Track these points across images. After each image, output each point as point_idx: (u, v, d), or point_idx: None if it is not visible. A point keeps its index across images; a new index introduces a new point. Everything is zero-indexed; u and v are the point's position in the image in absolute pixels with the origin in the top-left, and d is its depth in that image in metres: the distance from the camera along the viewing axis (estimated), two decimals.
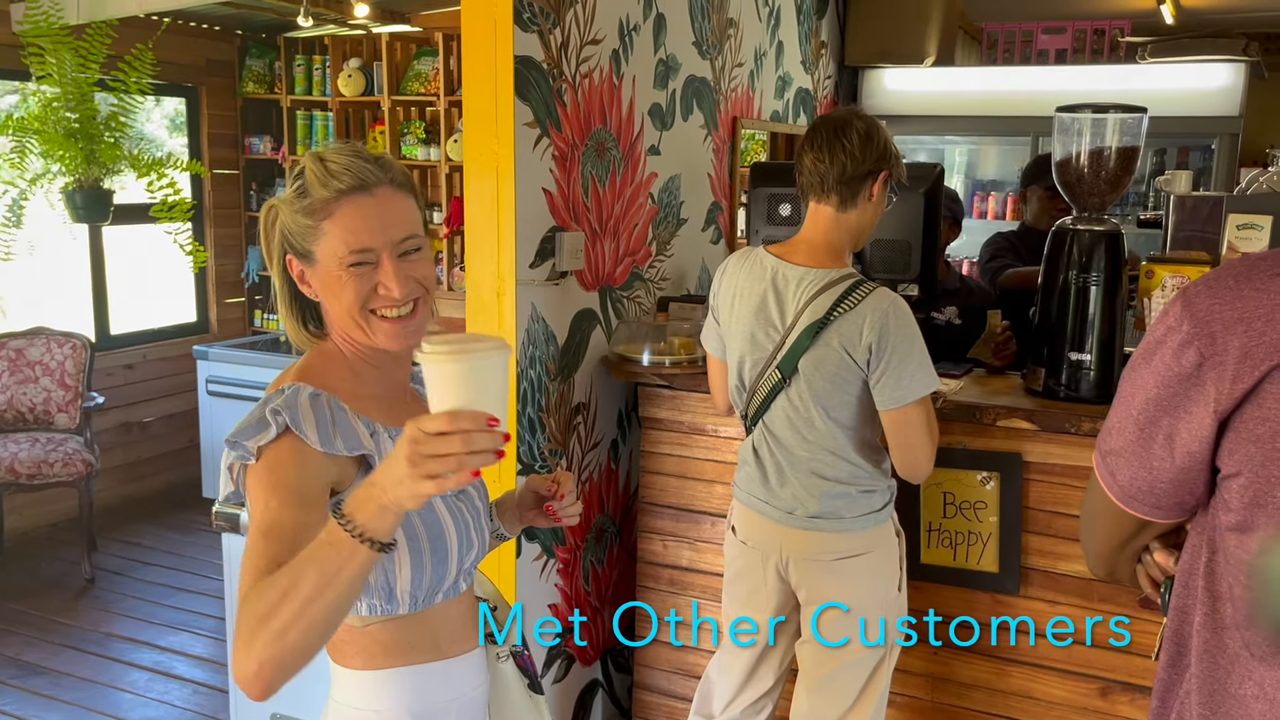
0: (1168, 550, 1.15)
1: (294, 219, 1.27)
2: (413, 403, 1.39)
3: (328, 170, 1.25)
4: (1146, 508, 1.06)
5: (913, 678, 2.51)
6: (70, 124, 4.28)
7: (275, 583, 1.06)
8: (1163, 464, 1.01)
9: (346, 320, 1.28)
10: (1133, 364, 1.04)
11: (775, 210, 2.78)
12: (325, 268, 1.26)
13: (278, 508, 1.17)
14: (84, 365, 4.63)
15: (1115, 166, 2.33)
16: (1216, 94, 4.43)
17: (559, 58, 2.46)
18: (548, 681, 2.68)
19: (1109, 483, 1.07)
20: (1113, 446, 1.06)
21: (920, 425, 1.99)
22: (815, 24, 4.28)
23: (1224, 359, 0.93)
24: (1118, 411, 1.05)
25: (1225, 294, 0.95)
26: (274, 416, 1.20)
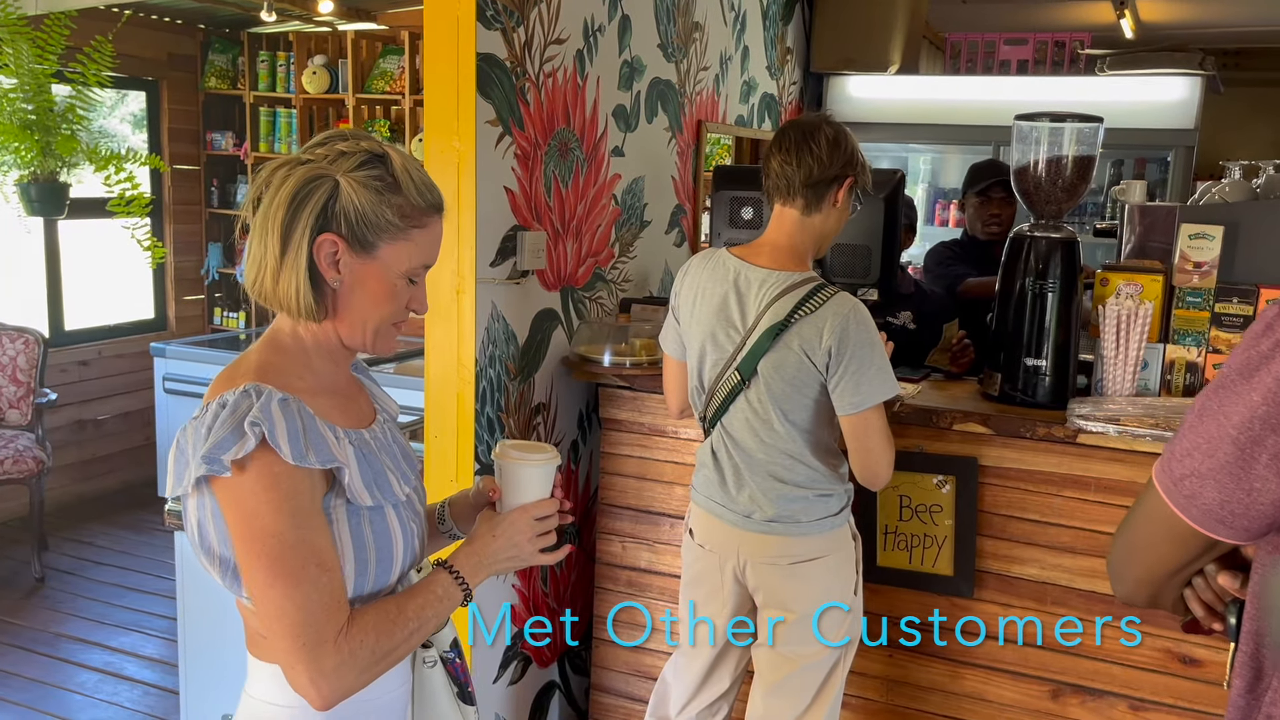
0: (1231, 572, 1.09)
1: (375, 206, 1.23)
2: (360, 398, 1.38)
3: (424, 180, 1.28)
4: (1232, 531, 1.00)
5: (868, 680, 2.53)
6: (26, 115, 4.21)
7: (400, 624, 1.25)
8: (1267, 485, 0.95)
9: (367, 323, 1.28)
10: (1222, 382, 0.98)
11: (738, 213, 2.79)
12: (383, 270, 1.25)
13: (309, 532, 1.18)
14: (37, 361, 4.55)
15: (1072, 175, 2.37)
16: (1173, 107, 4.51)
17: (522, 56, 2.45)
18: (503, 683, 2.67)
19: (1185, 507, 1.01)
20: (1194, 469, 0.99)
21: (879, 430, 2.00)
22: (781, 30, 4.30)
23: None
24: (1201, 431, 0.99)
25: None
26: (252, 428, 1.16)
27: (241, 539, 1.17)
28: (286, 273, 1.24)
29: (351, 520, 1.25)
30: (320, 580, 1.17)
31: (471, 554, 1.35)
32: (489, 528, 1.38)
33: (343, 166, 1.23)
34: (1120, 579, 1.17)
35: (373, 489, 1.27)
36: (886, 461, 2.03)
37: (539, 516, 1.39)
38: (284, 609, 1.16)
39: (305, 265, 1.23)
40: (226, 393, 1.20)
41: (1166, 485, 1.03)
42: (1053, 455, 2.30)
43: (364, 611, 1.23)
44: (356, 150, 1.25)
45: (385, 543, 1.29)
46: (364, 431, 1.31)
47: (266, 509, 1.16)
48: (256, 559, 1.16)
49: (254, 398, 1.19)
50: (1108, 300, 2.38)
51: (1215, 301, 2.36)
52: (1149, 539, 1.09)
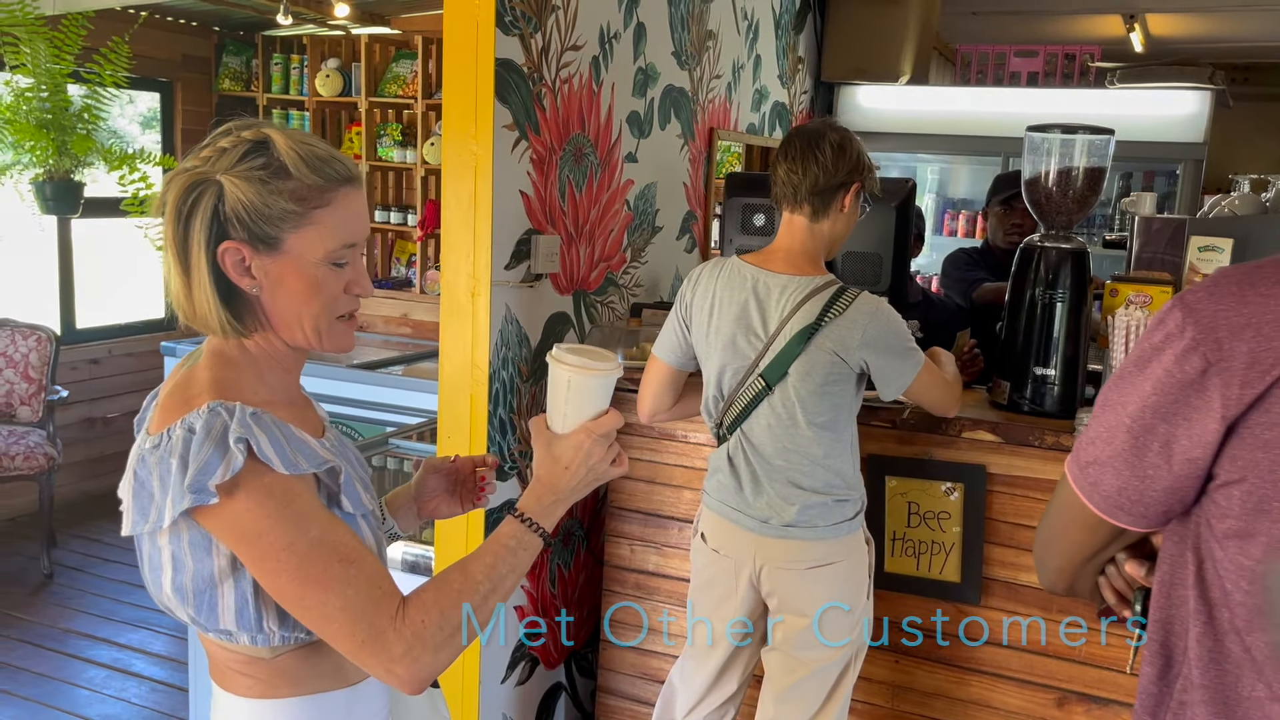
0: (1138, 561, 1.13)
1: (267, 200, 1.12)
2: (310, 408, 1.30)
3: (316, 154, 1.15)
4: (1131, 517, 1.04)
5: (874, 685, 2.54)
6: (43, 115, 4.25)
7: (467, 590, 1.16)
8: (1158, 472, 0.99)
9: (304, 322, 1.18)
10: (1122, 373, 1.02)
11: (750, 220, 2.81)
12: (297, 262, 1.15)
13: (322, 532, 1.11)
14: (48, 358, 4.58)
15: (1082, 186, 2.38)
16: (1182, 121, 4.53)
17: (539, 62, 2.48)
18: (510, 684, 2.68)
19: (1089, 493, 1.05)
20: (1096, 456, 1.04)
21: (930, 386, 2.12)
22: (793, 39, 4.33)
23: (1231, 365, 0.92)
24: (1103, 421, 1.03)
25: (1229, 300, 0.94)
26: (238, 444, 1.08)
27: (255, 562, 1.11)
28: (196, 292, 1.15)
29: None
30: (349, 574, 1.11)
31: (542, 493, 1.24)
32: (553, 460, 1.25)
33: (223, 164, 1.13)
34: (1041, 567, 1.21)
35: (351, 496, 1.21)
36: (951, 400, 2.20)
37: (604, 433, 1.25)
38: (326, 615, 1.10)
39: (211, 280, 1.14)
40: (188, 415, 1.11)
41: (1074, 473, 1.08)
42: (1061, 464, 2.31)
43: (422, 589, 1.16)
44: (237, 143, 1.14)
45: None
46: (325, 440, 1.24)
47: (268, 524, 1.09)
48: (277, 577, 1.10)
49: (226, 414, 1.10)
50: (1117, 311, 2.40)
51: None
52: (1063, 526, 1.14)
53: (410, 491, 1.47)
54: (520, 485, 2.61)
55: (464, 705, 2.53)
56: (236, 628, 1.16)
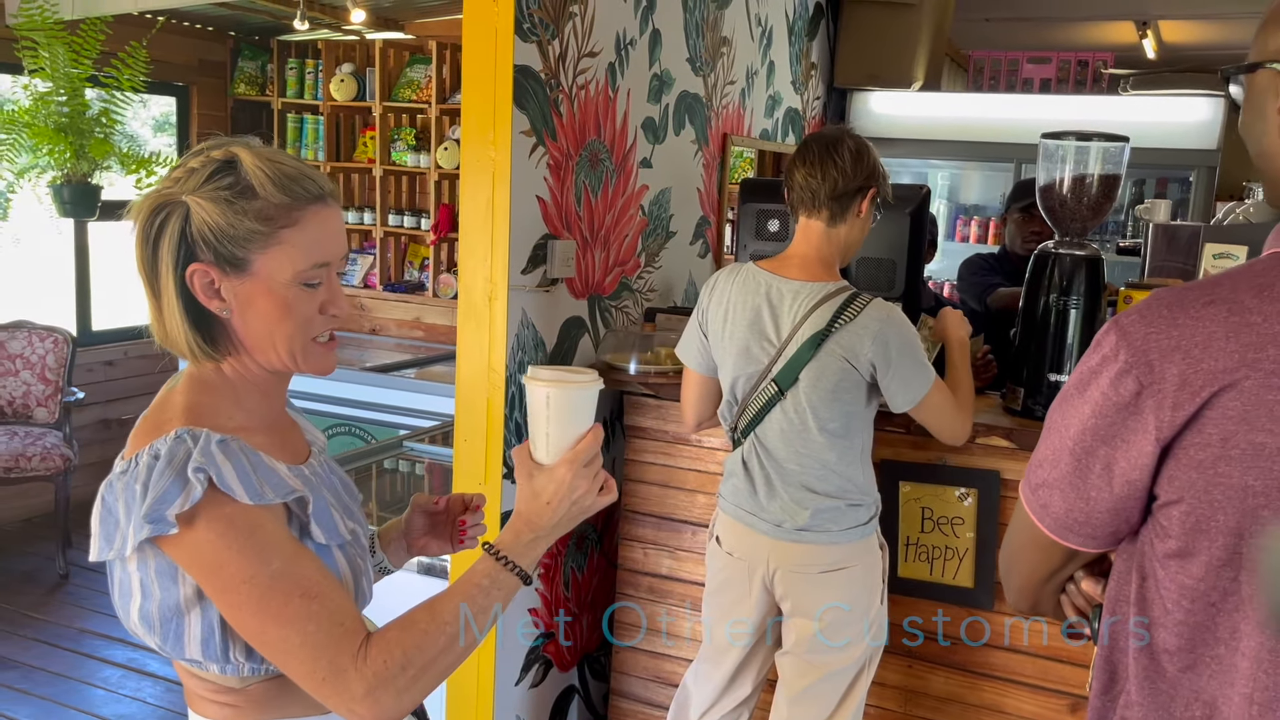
0: (1094, 579, 1.14)
1: (233, 220, 1.10)
2: (294, 433, 1.28)
3: (284, 173, 1.13)
4: (1080, 538, 1.05)
5: (887, 690, 2.55)
6: (61, 119, 4.29)
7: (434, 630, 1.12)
8: (1100, 494, 1.00)
9: (277, 344, 1.15)
10: (1064, 396, 1.03)
11: (764, 226, 2.83)
12: (266, 282, 1.12)
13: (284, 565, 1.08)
14: (65, 360, 4.62)
15: (1097, 193, 2.39)
16: (1196, 127, 4.53)
17: (557, 68, 2.50)
18: (524, 686, 2.70)
19: (1040, 515, 1.06)
20: (1044, 479, 1.05)
21: (940, 405, 2.10)
22: (806, 45, 4.34)
23: (1163, 387, 0.93)
24: (1049, 444, 1.04)
25: (1160, 322, 0.95)
26: (197, 474, 1.06)
27: (216, 594, 1.08)
28: (166, 315, 1.14)
29: None
30: (311, 610, 1.08)
31: (521, 529, 1.19)
32: (534, 495, 1.19)
33: (190, 185, 1.12)
34: (1007, 588, 1.22)
35: (325, 525, 1.18)
36: (961, 424, 2.16)
37: (587, 461, 1.19)
38: (287, 650, 1.08)
39: (180, 304, 1.13)
40: (155, 441, 1.09)
41: (1026, 495, 1.09)
42: None
43: (388, 627, 1.13)
44: (205, 163, 1.13)
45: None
46: (303, 468, 1.22)
47: (229, 555, 1.06)
48: (238, 610, 1.08)
49: (190, 442, 1.09)
50: None
51: None
52: (1020, 548, 1.15)
53: (400, 527, 1.44)
54: None
55: (478, 707, 2.55)
56: (203, 657, 1.14)
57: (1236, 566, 0.95)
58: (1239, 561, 0.95)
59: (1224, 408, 0.92)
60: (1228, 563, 0.95)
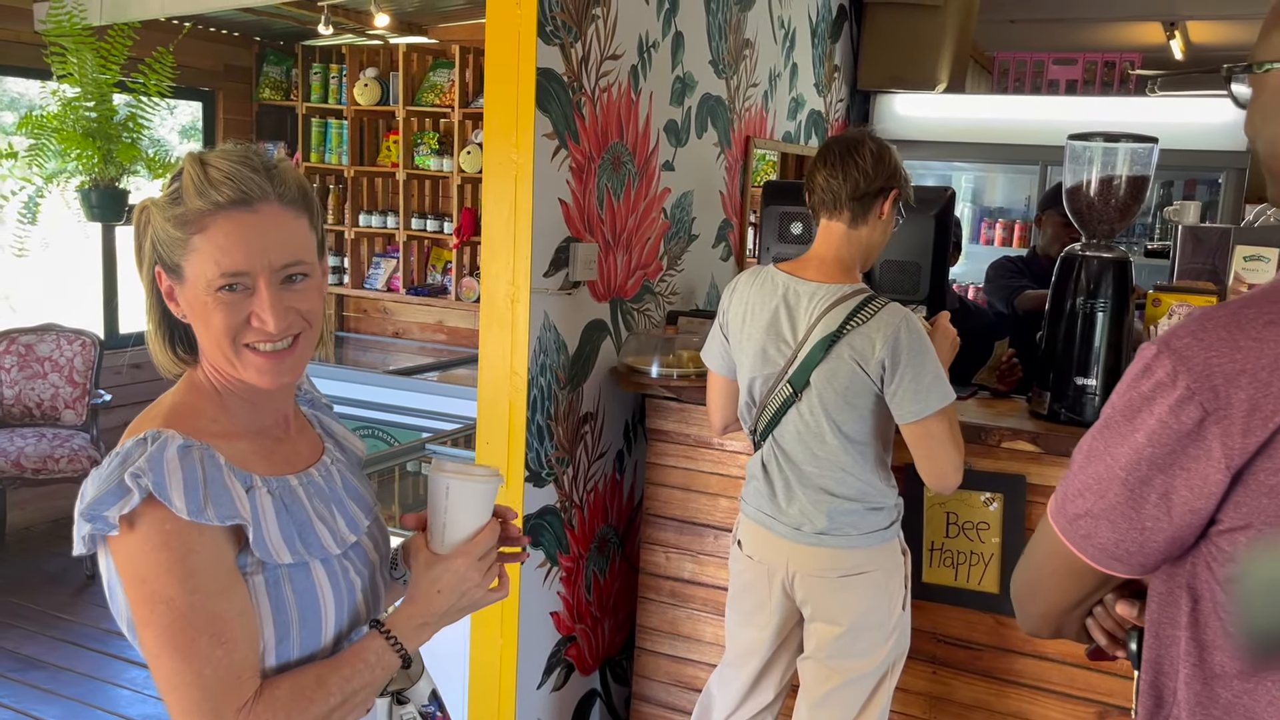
0: (1128, 601, 1.11)
1: (163, 227, 1.11)
2: (298, 439, 1.26)
3: (207, 177, 1.10)
4: (1128, 567, 1.02)
5: (912, 697, 2.53)
6: (89, 124, 4.33)
7: (319, 698, 1.11)
8: (1158, 524, 0.97)
9: (214, 351, 1.14)
10: (1107, 423, 1.00)
11: (787, 228, 2.81)
12: (193, 288, 1.11)
13: (206, 598, 1.06)
14: (92, 363, 4.67)
15: (1125, 195, 2.36)
16: (1225, 128, 4.47)
17: (579, 71, 2.50)
18: (545, 690, 2.69)
19: (1083, 545, 1.02)
20: (1088, 509, 1.01)
21: (943, 436, 2.01)
22: (829, 47, 4.33)
23: (1230, 413, 0.90)
24: (1091, 471, 1.01)
25: (1220, 345, 0.92)
26: (135, 480, 1.04)
27: (134, 603, 1.07)
28: (149, 323, 1.19)
29: (269, 579, 1.13)
30: (214, 654, 1.05)
31: (413, 614, 1.20)
32: (430, 581, 1.20)
33: (158, 193, 1.15)
34: (1024, 614, 1.18)
35: (294, 544, 1.14)
36: (954, 466, 2.03)
37: (482, 554, 1.21)
38: (175, 683, 1.05)
39: (154, 307, 1.17)
40: (129, 439, 1.10)
41: (1062, 525, 1.04)
42: None
43: (277, 683, 1.10)
44: (174, 170, 1.15)
45: (310, 603, 1.16)
46: (291, 478, 1.19)
47: (156, 571, 1.04)
48: (146, 626, 1.06)
49: (148, 445, 1.07)
50: (1160, 321, 2.37)
51: None
52: (1050, 575, 1.11)
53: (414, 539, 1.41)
54: (557, 493, 2.62)
55: (500, 711, 2.55)
56: None
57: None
58: None
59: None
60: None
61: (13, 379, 4.58)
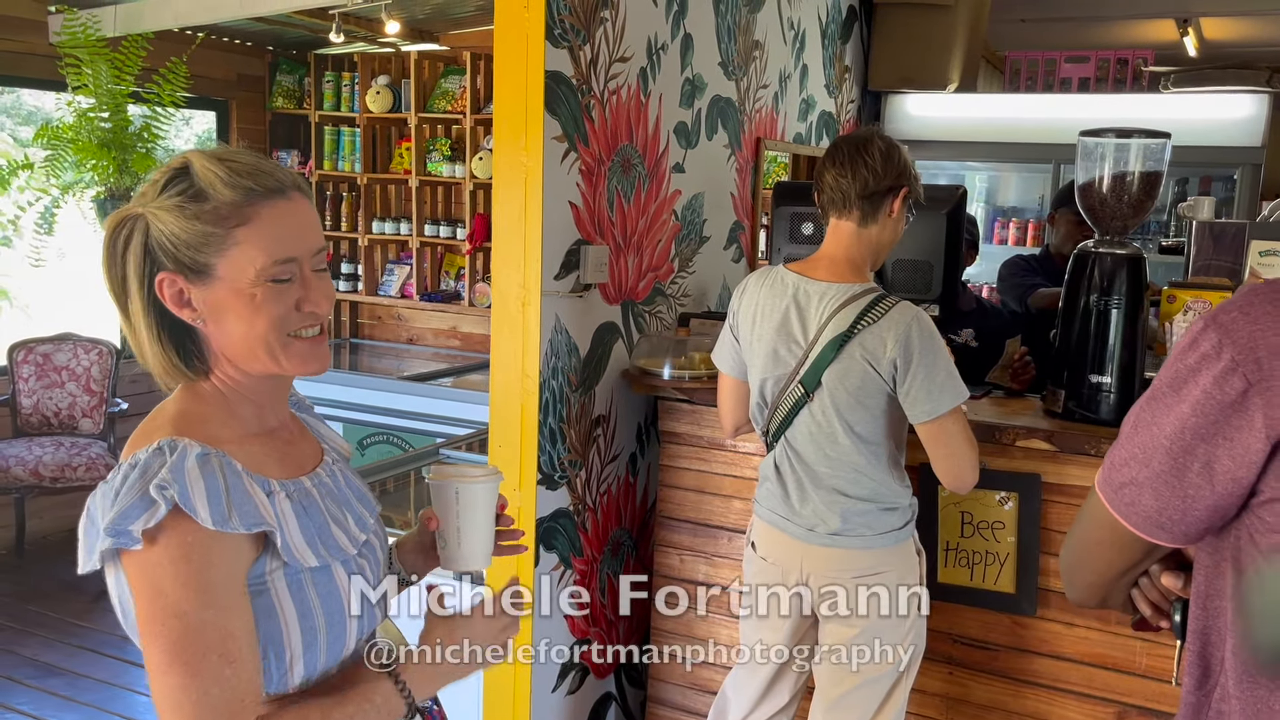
0: (1173, 572, 1.13)
1: (186, 226, 1.09)
2: (301, 441, 1.24)
3: (233, 170, 1.10)
4: (1172, 536, 1.05)
5: (928, 698, 2.51)
6: (104, 134, 4.36)
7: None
8: (1200, 492, 1.00)
9: (255, 346, 1.12)
10: (1154, 395, 1.03)
11: (798, 229, 2.81)
12: (232, 284, 1.10)
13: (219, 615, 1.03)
14: (109, 371, 4.70)
15: (1138, 191, 2.35)
16: (1239, 125, 4.44)
17: (588, 74, 2.50)
18: (560, 693, 2.69)
19: (1127, 513, 1.05)
20: (1133, 477, 1.04)
21: (958, 435, 2.00)
22: (839, 48, 4.32)
23: (1273, 385, 0.93)
24: (1137, 441, 1.04)
25: (1266, 319, 0.95)
26: (160, 492, 1.02)
27: (143, 616, 1.04)
28: (141, 335, 1.13)
29: (292, 585, 1.11)
30: (222, 674, 1.03)
31: (425, 669, 1.18)
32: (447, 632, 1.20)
33: (148, 198, 1.11)
34: (1071, 584, 1.21)
35: (316, 546, 1.13)
36: (971, 465, 2.03)
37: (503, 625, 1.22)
38: (179, 701, 1.03)
39: (153, 320, 1.12)
40: (139, 450, 1.07)
41: (1108, 493, 1.07)
42: None
43: (280, 714, 1.07)
44: (161, 174, 1.12)
45: (335, 606, 1.14)
46: (304, 480, 1.17)
47: (173, 584, 1.02)
48: (154, 639, 1.03)
49: (167, 455, 1.05)
50: (1175, 317, 2.36)
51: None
52: (1096, 544, 1.14)
53: (415, 538, 1.39)
54: (570, 495, 2.62)
55: (515, 715, 2.54)
56: None
57: None
58: None
59: None
60: None
61: (30, 388, 4.61)
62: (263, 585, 1.09)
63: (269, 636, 1.09)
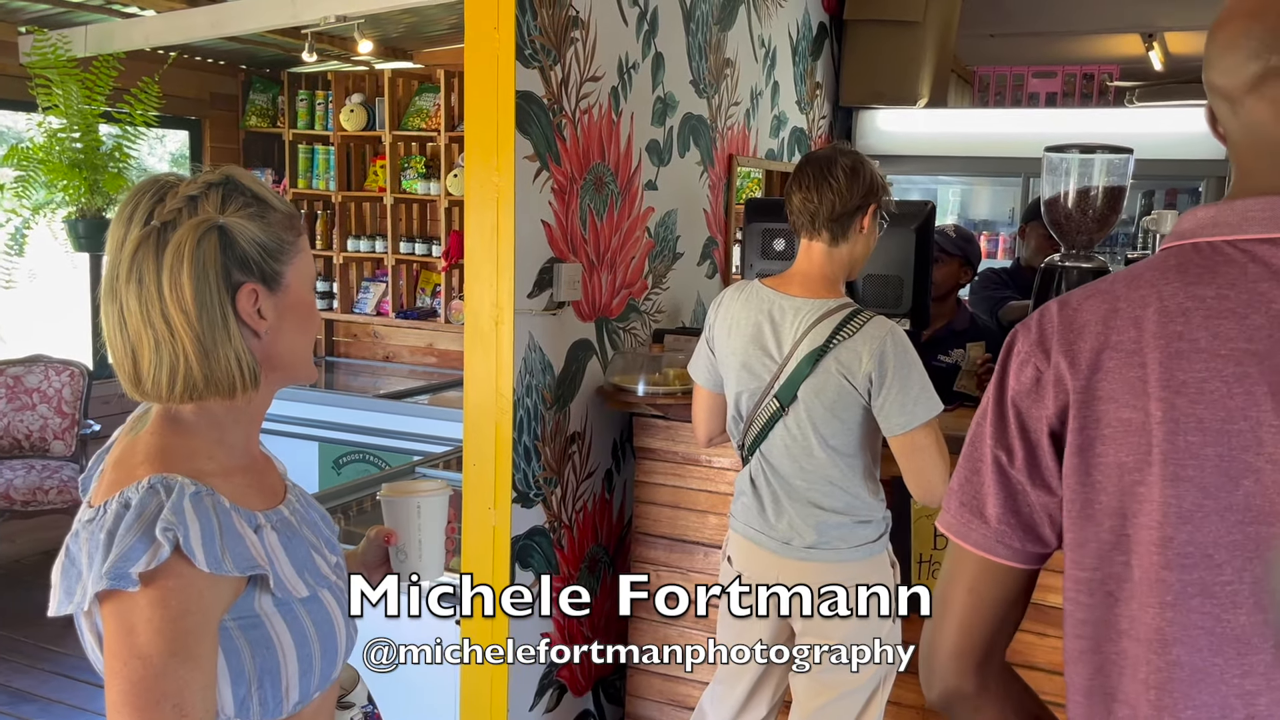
0: None
1: (269, 234, 1.10)
2: (270, 470, 1.23)
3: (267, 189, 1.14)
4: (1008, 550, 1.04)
5: (904, 710, 2.52)
6: (75, 155, 4.34)
7: None
8: (991, 494, 1.04)
9: (305, 352, 1.16)
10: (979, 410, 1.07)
11: (770, 245, 2.83)
12: (297, 292, 1.13)
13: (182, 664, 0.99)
14: (81, 393, 4.66)
15: (1102, 206, 2.39)
16: (1204, 138, 4.38)
17: (559, 93, 2.52)
18: (538, 712, 2.68)
19: (951, 526, 1.07)
20: (951, 488, 1.08)
21: (931, 447, 2.02)
22: (810, 65, 4.36)
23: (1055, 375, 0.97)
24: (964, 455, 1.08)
25: (1050, 316, 1.00)
26: (165, 534, 0.99)
27: (109, 651, 1.00)
28: (219, 350, 1.07)
29: (288, 616, 1.10)
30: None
31: None
32: None
33: (209, 208, 1.08)
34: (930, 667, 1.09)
35: (304, 575, 1.12)
36: (941, 477, 2.04)
37: None
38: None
39: (236, 330, 1.08)
40: (127, 489, 1.03)
41: (945, 521, 1.06)
42: None
43: None
44: (208, 187, 1.09)
45: (328, 631, 1.14)
46: (282, 508, 1.16)
47: (144, 627, 0.99)
48: (114, 676, 0.99)
49: (163, 495, 1.02)
50: None
51: None
52: (948, 592, 1.05)
53: (360, 557, 1.38)
54: (545, 513, 2.62)
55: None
56: None
57: (1126, 550, 0.94)
58: (1127, 545, 0.94)
59: (1096, 389, 0.94)
60: (1115, 546, 0.94)
61: (1, 411, 4.57)
62: (256, 619, 1.07)
63: (265, 668, 1.08)
